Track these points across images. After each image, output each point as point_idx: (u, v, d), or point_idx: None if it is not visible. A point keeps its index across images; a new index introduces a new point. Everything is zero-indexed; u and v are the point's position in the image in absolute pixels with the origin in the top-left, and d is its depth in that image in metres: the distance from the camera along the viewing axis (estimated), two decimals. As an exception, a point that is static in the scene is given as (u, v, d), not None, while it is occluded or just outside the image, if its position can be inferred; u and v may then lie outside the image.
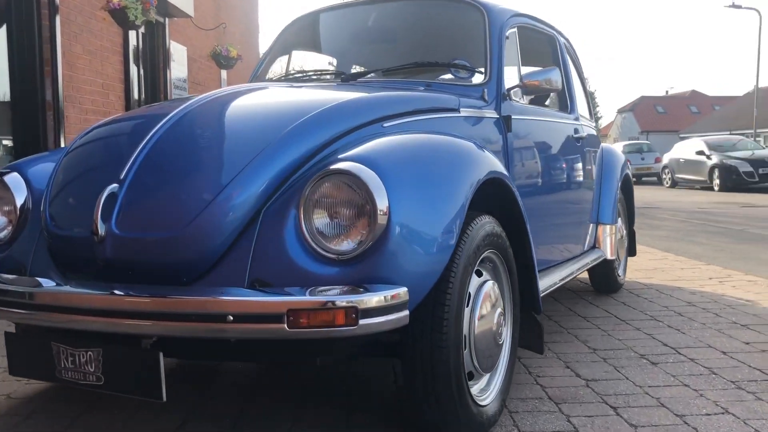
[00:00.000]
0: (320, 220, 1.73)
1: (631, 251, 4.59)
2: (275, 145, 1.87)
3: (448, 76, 2.83)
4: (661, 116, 50.73)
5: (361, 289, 1.63)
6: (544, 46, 3.48)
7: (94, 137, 2.23)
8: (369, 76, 2.79)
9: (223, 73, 9.89)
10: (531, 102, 3.11)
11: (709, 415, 2.22)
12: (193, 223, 1.75)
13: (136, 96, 7.44)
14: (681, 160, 20.10)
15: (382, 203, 1.66)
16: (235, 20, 10.47)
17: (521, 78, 2.75)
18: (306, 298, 1.57)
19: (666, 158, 21.42)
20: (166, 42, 8.06)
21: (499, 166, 2.14)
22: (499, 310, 2.09)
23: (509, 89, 2.77)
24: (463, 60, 2.83)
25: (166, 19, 7.98)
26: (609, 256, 3.87)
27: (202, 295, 1.65)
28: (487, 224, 2.03)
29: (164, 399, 1.68)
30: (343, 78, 2.77)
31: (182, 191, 1.83)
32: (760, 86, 37.58)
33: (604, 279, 4.15)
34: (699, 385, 2.50)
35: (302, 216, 1.72)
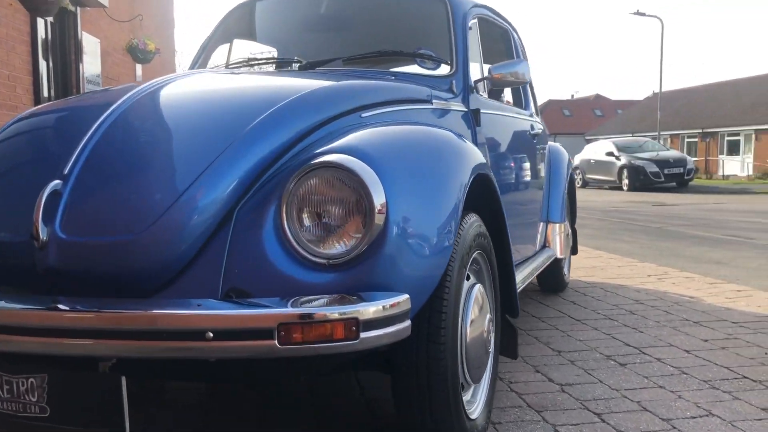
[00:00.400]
0: (306, 219, 1.52)
1: (574, 249, 4.58)
2: (246, 137, 1.65)
3: (412, 67, 2.67)
4: (567, 119, 52.50)
5: (354, 298, 1.45)
6: (499, 39, 3.38)
7: (23, 129, 1.95)
8: (328, 64, 2.58)
9: (138, 68, 9.37)
10: (488, 96, 2.99)
11: (695, 417, 2.15)
12: (156, 224, 1.51)
13: (45, 90, 6.89)
14: (591, 161, 20.80)
15: (378, 200, 1.48)
16: (149, 13, 9.95)
17: (489, 70, 2.62)
18: (299, 310, 1.37)
19: (577, 159, 22.11)
20: (77, 33, 7.52)
21: (484, 162, 1.99)
22: (488, 315, 1.94)
23: (476, 82, 2.64)
24: (427, 50, 2.67)
25: (78, 9, 7.45)
26: (559, 255, 3.81)
27: (173, 308, 1.41)
28: (475, 223, 1.88)
29: (128, 431, 1.43)
30: (300, 66, 2.56)
31: (141, 188, 1.58)
32: (658, 91, 39.55)
33: (552, 278, 4.10)
34: (674, 386, 2.44)
35: (285, 216, 1.52)
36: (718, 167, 32.26)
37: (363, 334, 1.38)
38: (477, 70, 2.75)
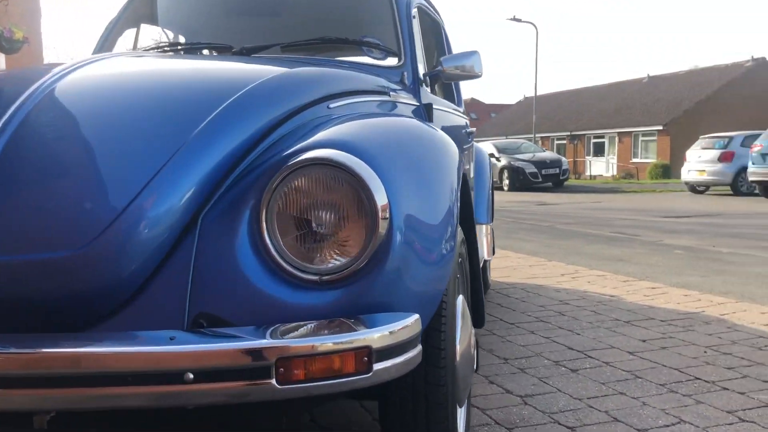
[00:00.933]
0: (291, 227, 1.27)
1: (492, 250, 4.51)
2: (205, 130, 1.37)
3: (358, 57, 2.44)
4: (444, 121, 53.73)
5: (353, 321, 1.21)
6: (430, 32, 3.21)
7: None
8: (266, 51, 2.30)
9: (1, 59, 8.46)
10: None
11: (669, 426, 2.07)
12: (101, 237, 1.21)
13: None
14: (473, 161, 21.29)
15: (381, 203, 1.25)
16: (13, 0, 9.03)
17: (440, 62, 2.44)
18: (302, 341, 1.11)
19: (459, 160, 22.55)
20: (-69, 16, 6.65)
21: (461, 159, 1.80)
22: (473, 330, 1.75)
23: (425, 75, 2.45)
24: (372, 39, 2.44)
25: (-70, -11, 6.58)
26: (487, 257, 3.71)
27: (136, 344, 1.11)
28: (458, 228, 1.69)
29: (75, 504, 1.11)
30: (234, 51, 2.26)
31: (77, 195, 1.26)
32: (528, 95, 41.30)
33: (477, 281, 3.99)
34: (634, 392, 2.37)
35: (264, 223, 1.25)
36: (585, 168, 34.20)
37: (376, 366, 1.15)
38: (421, 62, 2.56)
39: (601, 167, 33.27)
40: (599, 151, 34.32)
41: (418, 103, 2.32)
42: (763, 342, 2.97)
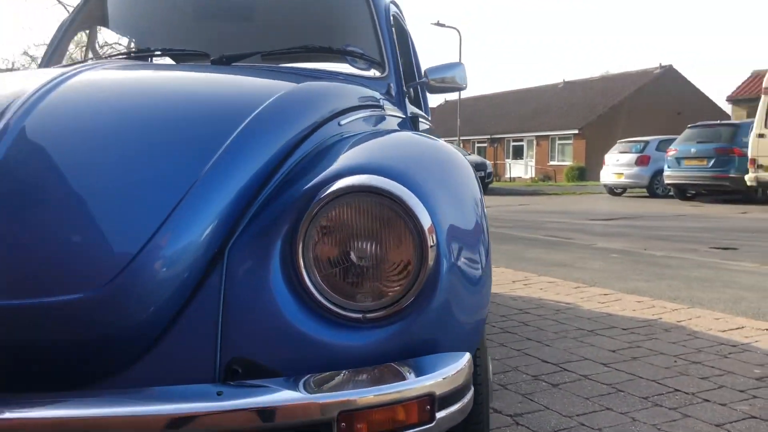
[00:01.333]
0: (331, 260, 1.16)
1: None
2: (225, 155, 1.24)
3: (339, 66, 2.32)
4: (366, 123, 53.85)
5: (400, 364, 1.12)
6: (401, 41, 3.13)
7: None
8: (246, 59, 2.15)
9: None
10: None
11: (665, 443, 2.07)
12: (118, 277, 1.06)
13: None
14: (399, 164, 21.38)
15: (428, 231, 1.16)
16: None
17: (425, 73, 2.36)
18: (364, 392, 1.01)
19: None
20: None
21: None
22: (489, 357, 1.68)
23: (408, 86, 2.37)
24: (355, 47, 2.34)
25: None
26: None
27: (173, 401, 0.98)
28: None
29: None
30: (213, 60, 2.10)
31: (92, 230, 1.11)
32: (449, 99, 41.87)
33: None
34: (621, 407, 2.36)
35: (302, 258, 1.14)
36: (504, 170, 35.02)
37: (438, 414, 1.05)
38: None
39: (521, 170, 34.15)
40: (518, 154, 35.22)
41: (404, 116, 2.24)
42: (726, 349, 3.05)
